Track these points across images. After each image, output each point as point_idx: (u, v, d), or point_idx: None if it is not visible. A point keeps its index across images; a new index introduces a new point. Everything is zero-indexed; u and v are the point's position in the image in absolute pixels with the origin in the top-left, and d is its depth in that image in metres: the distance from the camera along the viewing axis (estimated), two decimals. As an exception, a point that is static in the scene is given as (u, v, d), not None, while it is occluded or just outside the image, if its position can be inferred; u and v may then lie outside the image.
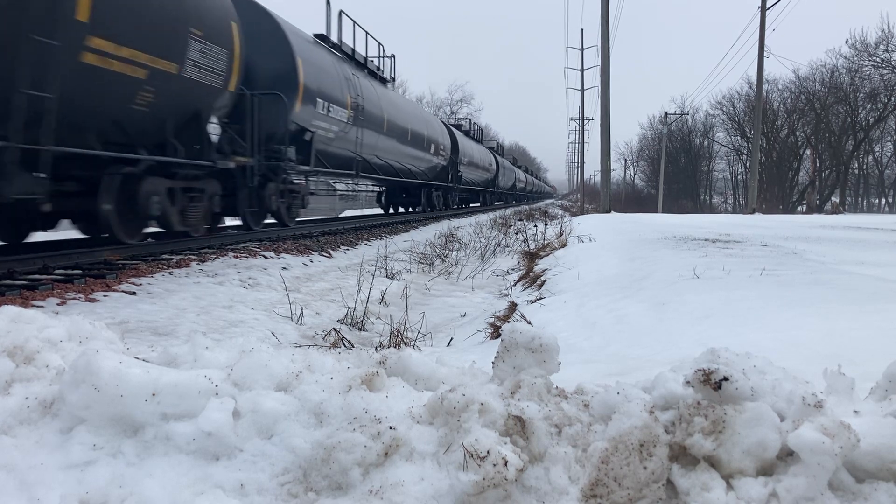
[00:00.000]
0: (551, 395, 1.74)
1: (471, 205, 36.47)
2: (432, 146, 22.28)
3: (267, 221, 11.95)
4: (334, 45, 14.44)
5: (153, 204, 7.92)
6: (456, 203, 28.86)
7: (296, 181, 12.68)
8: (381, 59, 17.99)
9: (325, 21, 14.21)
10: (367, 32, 16.53)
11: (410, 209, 24.30)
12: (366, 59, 16.46)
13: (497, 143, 51.44)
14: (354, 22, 15.59)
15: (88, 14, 6.18)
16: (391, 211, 24.30)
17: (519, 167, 59.86)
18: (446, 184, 25.72)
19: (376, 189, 23.58)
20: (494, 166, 37.69)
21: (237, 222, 11.75)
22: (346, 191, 25.45)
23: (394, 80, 19.62)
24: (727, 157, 58.97)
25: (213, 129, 9.38)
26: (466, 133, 32.51)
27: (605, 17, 25.05)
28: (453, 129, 27.41)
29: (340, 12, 14.79)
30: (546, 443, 1.60)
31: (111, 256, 7.11)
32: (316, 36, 13.82)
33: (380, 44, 17.85)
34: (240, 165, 10.07)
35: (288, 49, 11.43)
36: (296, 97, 11.44)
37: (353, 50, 15.53)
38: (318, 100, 12.33)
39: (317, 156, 12.66)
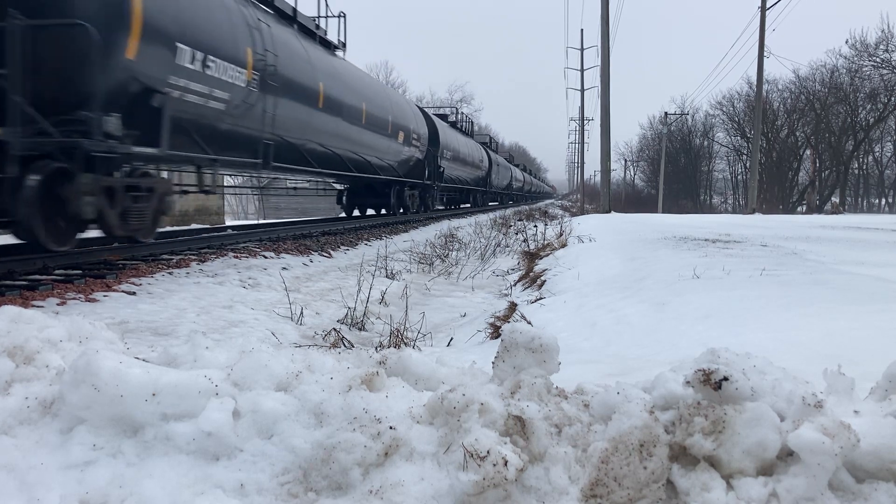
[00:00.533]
0: (551, 395, 1.75)
1: (460, 206, 32.69)
2: (401, 133, 17.92)
3: (84, 237, 7.28)
4: None
5: None
6: (439, 204, 25.17)
7: (147, 172, 8.30)
8: (325, 18, 13.79)
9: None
10: None
11: (379, 211, 20.11)
12: (294, 9, 12.15)
13: (490, 137, 46.23)
14: None
15: None
16: (356, 213, 19.91)
17: (516, 165, 59.16)
18: (423, 181, 21.20)
19: (338, 187, 19.25)
20: (486, 163, 33.73)
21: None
22: (302, 189, 19.39)
23: (344, 45, 14.94)
24: (727, 157, 59.04)
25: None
26: (452, 124, 28.41)
27: (605, 18, 25.07)
28: (433, 117, 23.38)
29: None
30: (546, 443, 1.60)
31: (111, 256, 7.11)
32: None
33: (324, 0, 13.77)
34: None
35: None
36: (125, 32, 6.69)
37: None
38: (181, 45, 7.70)
39: (189, 134, 8.44)
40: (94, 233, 7.34)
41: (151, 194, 7.77)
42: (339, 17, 14.62)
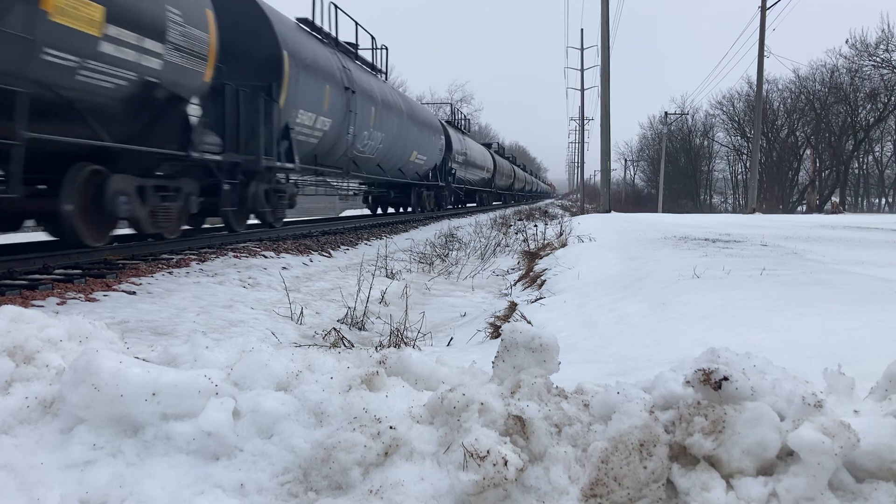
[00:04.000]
0: (551, 395, 1.74)
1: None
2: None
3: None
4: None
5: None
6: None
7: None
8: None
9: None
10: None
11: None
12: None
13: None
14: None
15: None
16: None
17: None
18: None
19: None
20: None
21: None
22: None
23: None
24: (727, 156, 59.03)
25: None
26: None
27: (605, 17, 25.07)
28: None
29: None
30: (546, 442, 1.60)
31: (111, 256, 7.10)
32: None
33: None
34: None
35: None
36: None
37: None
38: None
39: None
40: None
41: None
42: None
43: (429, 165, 22.51)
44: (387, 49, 18.08)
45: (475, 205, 36.63)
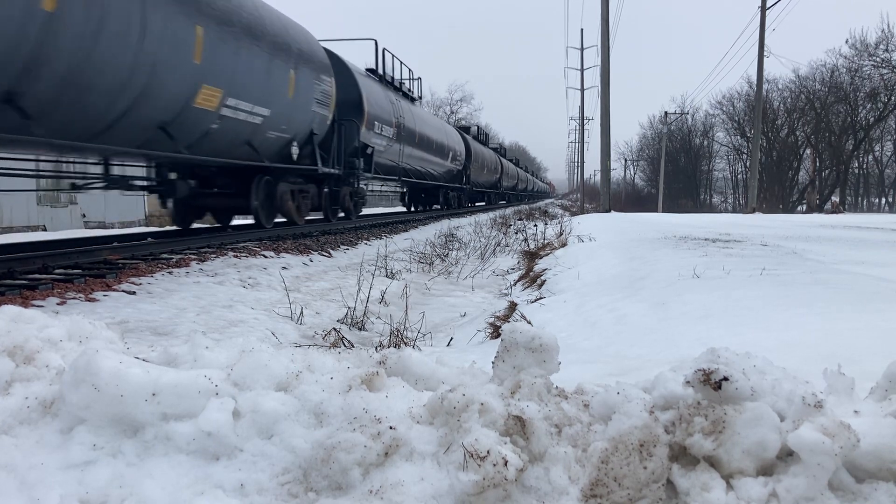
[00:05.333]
0: (551, 395, 1.74)
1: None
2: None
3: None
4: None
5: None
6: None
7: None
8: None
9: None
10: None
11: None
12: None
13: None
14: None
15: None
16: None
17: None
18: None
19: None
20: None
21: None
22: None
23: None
24: (727, 156, 59.04)
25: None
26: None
27: (605, 17, 25.06)
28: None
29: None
30: (546, 443, 1.60)
31: (111, 256, 7.11)
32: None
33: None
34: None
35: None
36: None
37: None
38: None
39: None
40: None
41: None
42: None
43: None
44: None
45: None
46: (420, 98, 23.47)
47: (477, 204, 38.21)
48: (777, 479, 1.47)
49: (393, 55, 19.68)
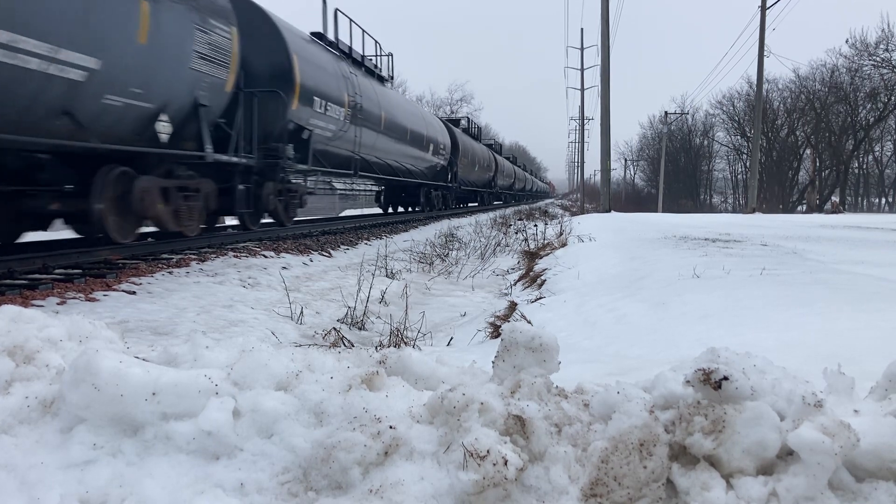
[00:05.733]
0: (551, 395, 1.74)
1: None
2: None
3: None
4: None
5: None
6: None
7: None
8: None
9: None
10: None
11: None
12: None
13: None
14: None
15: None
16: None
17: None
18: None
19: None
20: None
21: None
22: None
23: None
24: (727, 156, 59.03)
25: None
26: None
27: (605, 17, 25.06)
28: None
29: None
30: (546, 442, 1.60)
31: (111, 256, 7.10)
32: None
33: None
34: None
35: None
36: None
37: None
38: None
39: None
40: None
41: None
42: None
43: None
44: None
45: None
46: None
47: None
48: (777, 479, 1.47)
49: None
